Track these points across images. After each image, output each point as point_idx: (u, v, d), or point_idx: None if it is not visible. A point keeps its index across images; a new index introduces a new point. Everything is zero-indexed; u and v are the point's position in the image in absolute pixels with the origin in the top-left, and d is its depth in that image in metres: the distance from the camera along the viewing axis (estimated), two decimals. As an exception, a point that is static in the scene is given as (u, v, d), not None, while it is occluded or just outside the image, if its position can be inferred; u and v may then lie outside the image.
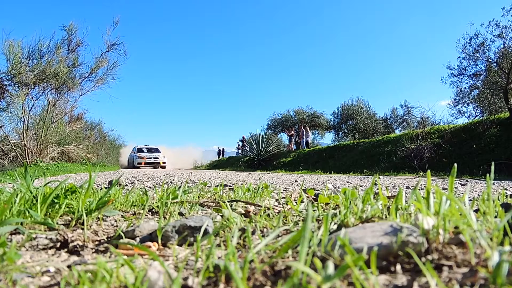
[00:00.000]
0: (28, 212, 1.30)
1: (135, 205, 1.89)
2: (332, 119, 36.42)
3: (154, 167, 27.21)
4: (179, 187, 2.37)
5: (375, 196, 1.54)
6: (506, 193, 4.00)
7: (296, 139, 28.85)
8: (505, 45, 17.70)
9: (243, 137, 32.42)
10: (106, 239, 1.19)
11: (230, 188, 3.28)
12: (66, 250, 1.07)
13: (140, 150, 29.16)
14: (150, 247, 1.08)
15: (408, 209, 1.13)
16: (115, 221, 1.54)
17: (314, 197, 2.31)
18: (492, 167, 1.09)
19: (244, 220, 1.52)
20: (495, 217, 1.12)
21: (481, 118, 19.18)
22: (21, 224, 1.27)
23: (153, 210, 1.86)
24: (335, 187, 5.35)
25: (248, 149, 28.83)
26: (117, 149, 37.12)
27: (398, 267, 0.73)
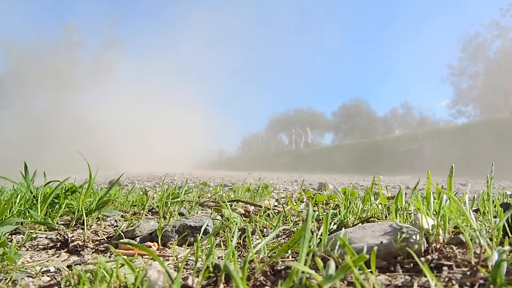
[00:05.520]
0: (28, 212, 1.30)
1: (135, 205, 1.89)
2: (332, 119, 36.49)
3: None
4: (179, 187, 2.37)
5: (375, 196, 1.55)
6: (505, 193, 4.00)
7: (296, 139, 28.83)
8: (505, 45, 17.72)
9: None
10: (106, 239, 1.20)
11: (230, 188, 3.29)
12: (66, 250, 1.07)
13: None
14: (150, 247, 1.08)
15: (408, 209, 1.14)
16: (115, 221, 1.54)
17: (314, 197, 2.31)
18: (492, 167, 1.09)
19: (244, 220, 1.52)
20: (495, 217, 1.12)
21: (481, 118, 19.20)
22: (22, 224, 1.27)
23: (153, 210, 1.86)
24: (335, 187, 5.36)
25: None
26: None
27: (398, 267, 0.73)
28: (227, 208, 1.50)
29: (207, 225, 1.18)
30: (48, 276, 0.83)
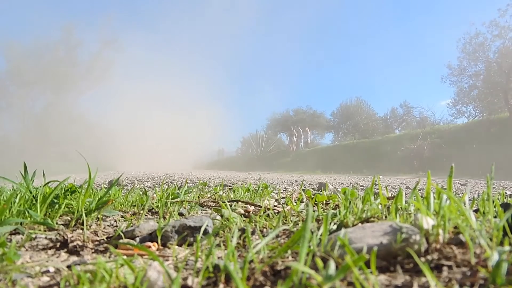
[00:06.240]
0: (28, 212, 1.30)
1: (135, 205, 1.89)
2: (332, 119, 36.45)
3: None
4: (179, 187, 2.36)
5: (375, 196, 1.55)
6: (505, 193, 4.00)
7: (296, 139, 28.80)
8: (504, 45, 17.72)
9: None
10: (105, 239, 1.19)
11: (229, 188, 3.29)
12: (65, 250, 1.07)
13: None
14: (149, 247, 1.08)
15: (408, 209, 1.13)
16: (115, 221, 1.54)
17: (314, 197, 2.31)
18: (492, 167, 1.09)
19: (244, 220, 1.52)
20: (495, 217, 1.12)
21: (481, 118, 19.21)
22: (21, 224, 1.26)
23: (153, 210, 1.86)
24: (335, 187, 5.36)
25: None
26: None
27: (398, 267, 0.73)
28: (227, 208, 1.50)
29: (207, 225, 1.18)
30: (47, 276, 0.83)
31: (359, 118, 32.83)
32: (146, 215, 1.74)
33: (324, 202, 2.05)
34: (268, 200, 2.24)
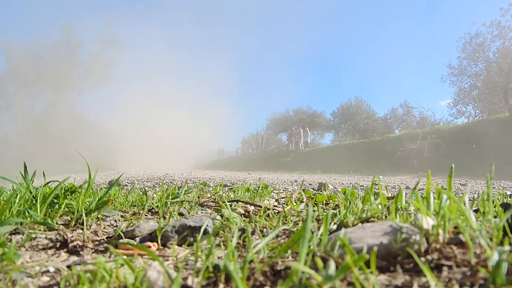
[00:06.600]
0: (28, 212, 1.30)
1: (135, 205, 1.89)
2: (332, 119, 36.44)
3: None
4: (179, 187, 2.36)
5: (375, 196, 1.54)
6: (505, 193, 4.00)
7: (296, 139, 28.77)
8: (504, 45, 17.71)
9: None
10: (105, 239, 1.19)
11: (229, 188, 3.28)
12: (65, 250, 1.07)
13: None
14: (149, 247, 1.08)
15: (408, 209, 1.13)
16: (115, 221, 1.54)
17: (314, 197, 2.30)
18: (492, 167, 1.09)
19: (244, 220, 1.52)
20: (495, 217, 1.12)
21: (481, 118, 19.20)
22: (21, 224, 1.26)
23: (153, 210, 1.86)
24: (335, 187, 5.36)
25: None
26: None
27: (398, 267, 0.73)
28: (227, 208, 1.50)
29: (207, 225, 1.18)
30: (47, 276, 0.83)
31: (359, 118, 32.81)
32: (146, 215, 1.74)
33: (324, 202, 2.05)
34: (268, 200, 2.24)
